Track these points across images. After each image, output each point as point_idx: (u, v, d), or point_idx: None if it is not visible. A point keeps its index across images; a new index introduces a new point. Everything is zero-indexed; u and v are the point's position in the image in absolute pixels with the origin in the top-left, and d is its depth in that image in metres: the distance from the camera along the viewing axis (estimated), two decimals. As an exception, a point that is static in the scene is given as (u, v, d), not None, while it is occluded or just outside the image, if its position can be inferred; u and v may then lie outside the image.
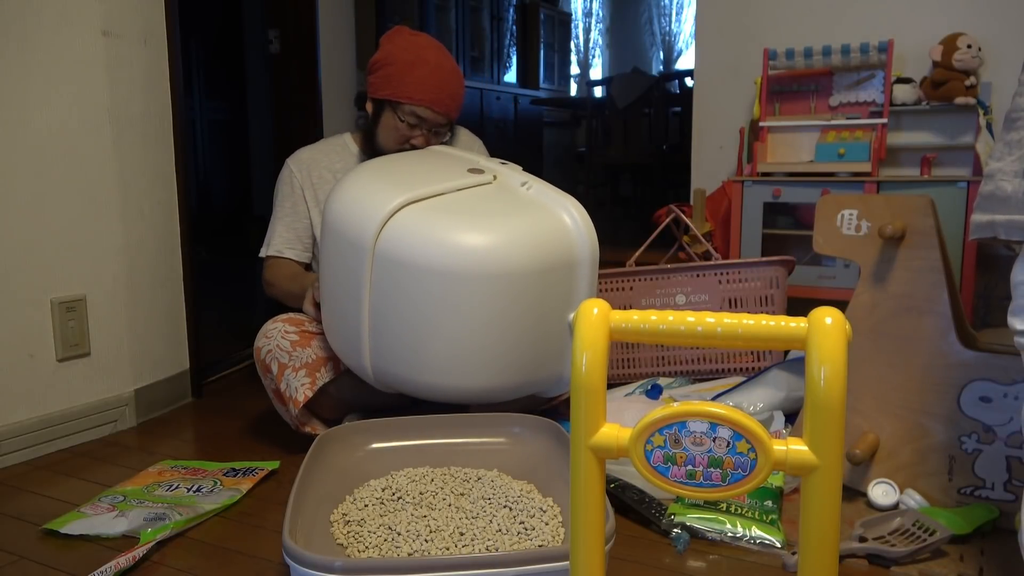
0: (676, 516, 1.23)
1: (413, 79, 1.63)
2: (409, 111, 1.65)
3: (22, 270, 1.57)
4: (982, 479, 1.24)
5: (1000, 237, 0.93)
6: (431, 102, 1.64)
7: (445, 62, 1.68)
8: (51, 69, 1.59)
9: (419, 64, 1.63)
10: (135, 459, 1.58)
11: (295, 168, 1.75)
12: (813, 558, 0.65)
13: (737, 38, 2.41)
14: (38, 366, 1.61)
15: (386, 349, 1.38)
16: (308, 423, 1.57)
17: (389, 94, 1.65)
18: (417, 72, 1.63)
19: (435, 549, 1.07)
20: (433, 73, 1.64)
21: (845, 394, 0.62)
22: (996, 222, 0.93)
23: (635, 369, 1.87)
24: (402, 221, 1.33)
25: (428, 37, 1.72)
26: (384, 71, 1.66)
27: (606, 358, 0.68)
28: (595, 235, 1.43)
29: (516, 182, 1.49)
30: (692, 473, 0.65)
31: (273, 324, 1.60)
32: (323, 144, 1.82)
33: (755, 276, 1.79)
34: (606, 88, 4.91)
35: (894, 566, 1.10)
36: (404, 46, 1.67)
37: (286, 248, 1.73)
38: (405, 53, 1.65)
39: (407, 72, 1.63)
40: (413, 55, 1.64)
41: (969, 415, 1.24)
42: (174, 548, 1.21)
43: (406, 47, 1.66)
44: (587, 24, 7.30)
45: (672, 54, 7.13)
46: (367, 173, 1.48)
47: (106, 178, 1.70)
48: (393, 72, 1.64)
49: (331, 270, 1.47)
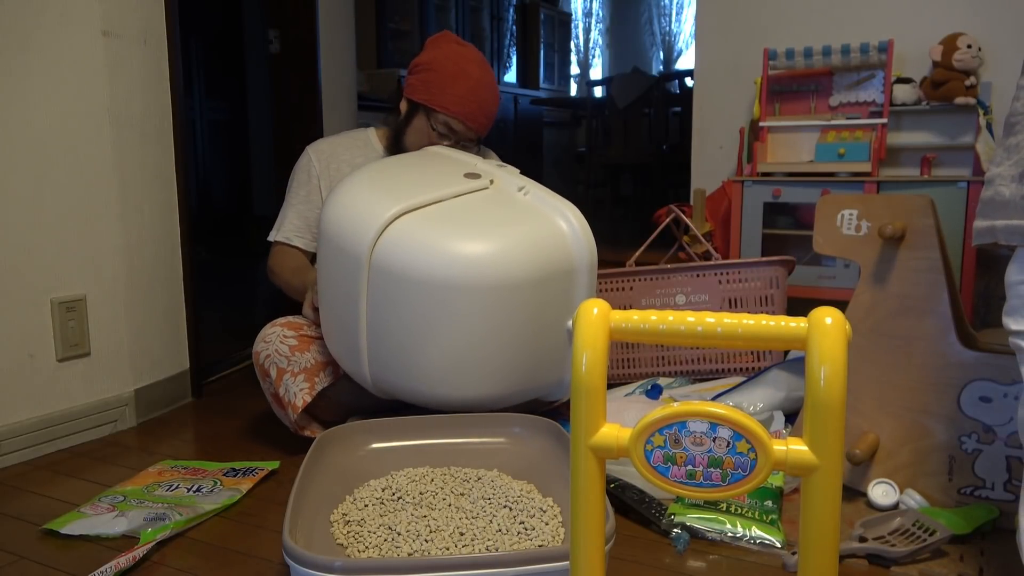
0: (676, 516, 1.23)
1: (453, 91, 1.64)
2: (443, 121, 1.66)
3: (22, 270, 1.57)
4: (982, 479, 1.24)
5: (1000, 242, 0.93)
6: (466, 116, 1.65)
7: (487, 79, 1.68)
8: (51, 69, 1.59)
9: (462, 77, 1.64)
10: (135, 459, 1.58)
11: (314, 156, 1.75)
12: (813, 558, 0.65)
13: (737, 38, 2.41)
14: (38, 366, 1.61)
15: (384, 358, 1.38)
16: (307, 427, 1.57)
17: (426, 99, 1.66)
18: (459, 85, 1.64)
19: (435, 549, 1.07)
20: (474, 89, 1.65)
21: (845, 394, 0.62)
22: (996, 227, 0.94)
23: (635, 369, 1.87)
24: (398, 231, 1.32)
25: (475, 50, 1.73)
26: (426, 75, 1.66)
27: (606, 358, 0.68)
28: (593, 241, 1.42)
29: (513, 187, 1.49)
30: (692, 473, 0.65)
31: (272, 328, 1.59)
32: (344, 137, 1.82)
33: (755, 276, 1.79)
34: (606, 88, 4.91)
35: (894, 566, 1.10)
36: (451, 55, 1.67)
37: (295, 236, 1.73)
38: (450, 63, 1.65)
39: (449, 83, 1.64)
40: (458, 67, 1.65)
41: (969, 415, 1.24)
42: (174, 548, 1.21)
43: (453, 57, 1.67)
44: (587, 24, 7.29)
45: (672, 54, 7.13)
46: (362, 180, 1.46)
47: (106, 178, 1.70)
48: (434, 79, 1.65)
49: (328, 279, 1.46)
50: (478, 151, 1.75)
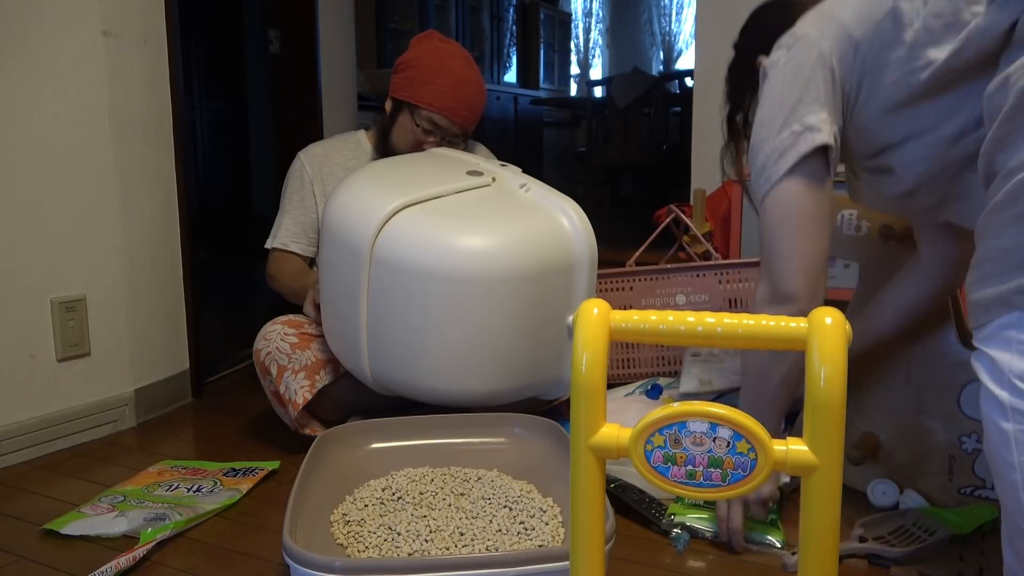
0: (676, 516, 1.23)
1: (435, 86, 1.63)
2: (426, 116, 1.66)
3: (22, 270, 1.57)
4: (982, 479, 1.24)
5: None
6: (449, 111, 1.65)
7: (470, 74, 1.68)
8: (51, 69, 1.59)
9: (444, 72, 1.64)
10: (135, 459, 1.58)
11: (306, 161, 1.75)
12: (813, 558, 0.65)
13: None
14: (38, 366, 1.61)
15: (384, 352, 1.38)
16: (307, 425, 1.57)
17: (409, 96, 1.66)
18: (440, 80, 1.63)
19: (435, 549, 1.07)
20: (456, 83, 1.65)
21: (845, 394, 0.62)
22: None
23: (635, 369, 1.87)
24: (399, 224, 1.32)
25: (458, 46, 1.73)
26: (408, 73, 1.67)
27: (606, 358, 0.68)
28: (594, 237, 1.42)
29: (515, 184, 1.49)
30: (692, 473, 0.65)
31: (272, 326, 1.60)
32: (336, 140, 1.83)
33: (755, 276, 1.79)
34: (606, 88, 4.91)
35: (894, 566, 1.10)
36: (432, 52, 1.67)
37: (291, 241, 1.74)
38: (432, 59, 1.65)
39: (430, 78, 1.64)
40: (439, 62, 1.65)
41: (969, 415, 1.24)
42: (174, 548, 1.21)
43: (434, 53, 1.67)
44: (587, 24, 7.30)
45: (672, 54, 7.14)
46: (365, 176, 1.48)
47: (106, 178, 1.70)
48: (416, 75, 1.65)
49: (329, 274, 1.46)
50: (465, 146, 1.76)
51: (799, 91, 1.04)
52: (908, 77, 0.97)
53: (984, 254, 0.82)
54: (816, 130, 1.03)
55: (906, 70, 0.97)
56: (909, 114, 1.00)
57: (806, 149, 1.03)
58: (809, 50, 1.04)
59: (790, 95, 1.05)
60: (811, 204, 1.06)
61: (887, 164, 1.06)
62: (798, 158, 1.04)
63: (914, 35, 0.96)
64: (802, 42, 1.06)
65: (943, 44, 0.94)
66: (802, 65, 1.04)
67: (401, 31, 4.53)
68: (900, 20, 0.97)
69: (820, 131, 1.03)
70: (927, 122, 0.98)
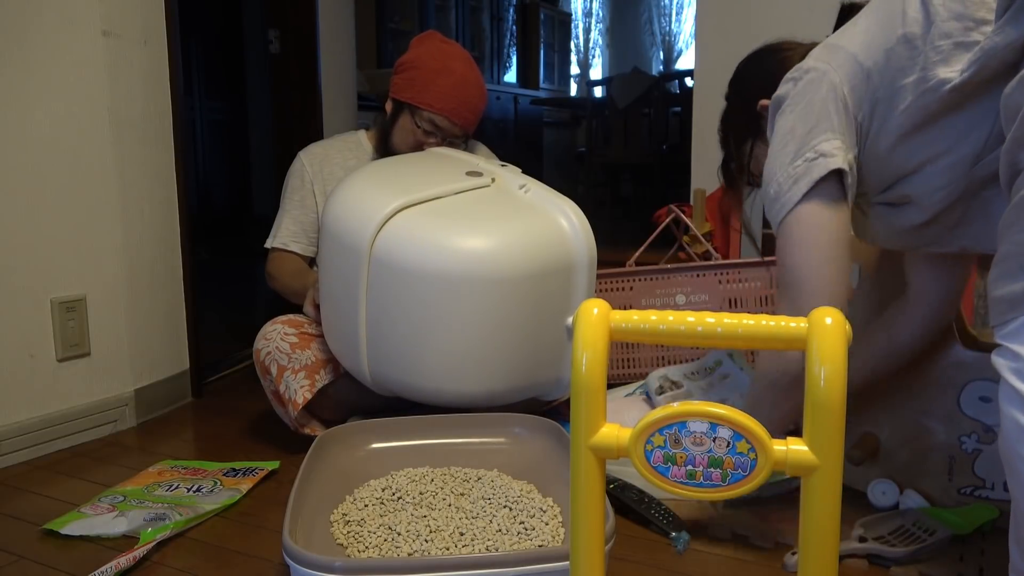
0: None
1: (436, 87, 1.64)
2: (427, 118, 1.66)
3: (22, 270, 1.57)
4: (982, 479, 1.24)
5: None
6: (450, 112, 1.65)
7: (471, 75, 1.68)
8: (51, 69, 1.59)
9: (445, 73, 1.64)
10: (135, 459, 1.58)
11: (307, 161, 1.76)
12: (813, 558, 0.65)
13: (737, 38, 2.40)
14: (38, 366, 1.61)
15: (384, 353, 1.38)
16: (307, 425, 1.57)
17: (410, 97, 1.66)
18: (441, 81, 1.64)
19: (435, 549, 1.07)
20: (457, 85, 1.65)
21: (845, 394, 0.62)
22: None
23: (635, 369, 1.87)
24: (398, 225, 1.32)
25: (458, 47, 1.73)
26: (409, 74, 1.67)
27: (606, 358, 0.68)
28: (593, 239, 1.42)
29: (514, 185, 1.49)
30: (692, 473, 0.65)
31: (272, 326, 1.60)
32: (336, 140, 1.83)
33: (755, 276, 1.79)
34: (606, 88, 4.91)
35: (894, 566, 1.10)
36: (433, 52, 1.67)
37: (291, 241, 1.74)
38: (433, 60, 1.66)
39: (431, 79, 1.64)
40: (440, 63, 1.65)
41: (969, 415, 1.24)
42: (174, 548, 1.21)
43: (435, 54, 1.67)
44: (587, 24, 7.30)
45: (672, 54, 7.14)
46: (364, 177, 1.48)
47: (106, 178, 1.70)
48: (417, 76, 1.65)
49: (329, 274, 1.47)
50: (465, 147, 1.76)
51: (811, 121, 1.04)
52: (923, 98, 0.97)
53: (1007, 250, 0.80)
54: (830, 156, 1.02)
55: (920, 91, 0.97)
56: (924, 137, 0.99)
57: (820, 174, 1.02)
58: (820, 82, 1.04)
59: (802, 126, 1.04)
60: (829, 224, 1.05)
61: (904, 194, 1.05)
62: (812, 183, 1.02)
63: (926, 58, 0.96)
64: (811, 74, 1.05)
65: (952, 63, 0.94)
66: (813, 96, 1.04)
67: (401, 31, 4.53)
68: (913, 44, 0.97)
69: (834, 156, 1.02)
70: (944, 144, 0.98)
